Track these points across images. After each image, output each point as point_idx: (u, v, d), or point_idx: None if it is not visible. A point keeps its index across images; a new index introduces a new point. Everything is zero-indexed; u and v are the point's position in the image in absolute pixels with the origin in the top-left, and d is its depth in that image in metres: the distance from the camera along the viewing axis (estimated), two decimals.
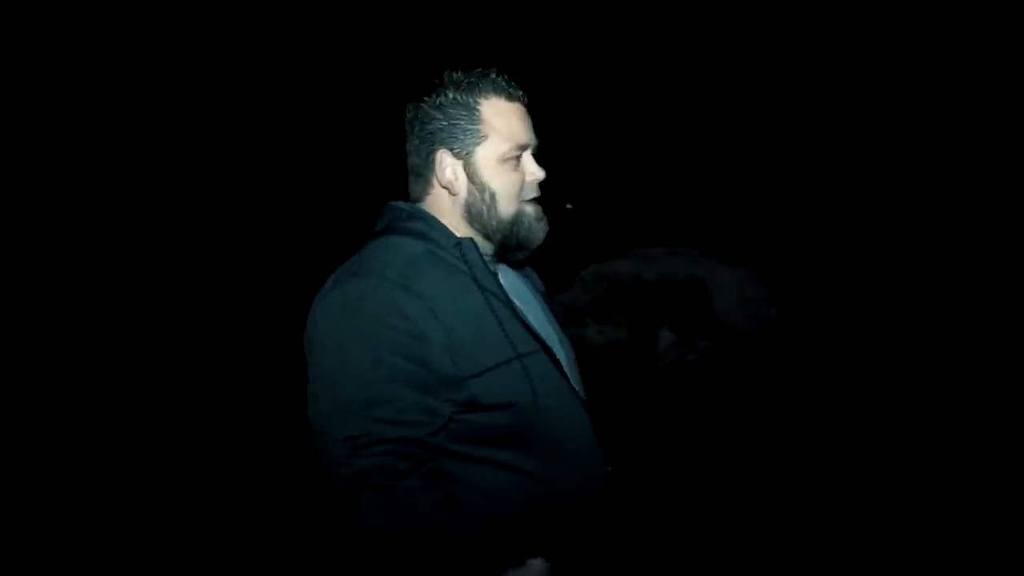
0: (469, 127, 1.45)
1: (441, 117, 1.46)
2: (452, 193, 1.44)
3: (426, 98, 1.48)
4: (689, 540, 2.75)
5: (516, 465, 1.40)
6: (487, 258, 1.49)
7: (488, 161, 1.47)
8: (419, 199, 1.50)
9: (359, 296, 1.35)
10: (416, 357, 1.31)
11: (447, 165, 1.45)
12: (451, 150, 1.45)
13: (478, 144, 1.45)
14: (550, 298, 1.68)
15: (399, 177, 1.55)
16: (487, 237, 1.47)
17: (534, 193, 1.48)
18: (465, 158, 1.45)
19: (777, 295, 5.17)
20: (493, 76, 1.48)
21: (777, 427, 3.95)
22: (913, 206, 5.22)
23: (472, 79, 1.48)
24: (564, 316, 1.63)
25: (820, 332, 4.86)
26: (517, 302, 1.50)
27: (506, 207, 1.47)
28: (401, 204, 1.52)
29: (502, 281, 1.53)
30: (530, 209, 1.48)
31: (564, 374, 1.45)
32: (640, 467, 3.23)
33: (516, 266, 1.62)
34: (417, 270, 1.36)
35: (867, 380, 4.38)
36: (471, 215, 1.45)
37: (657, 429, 3.95)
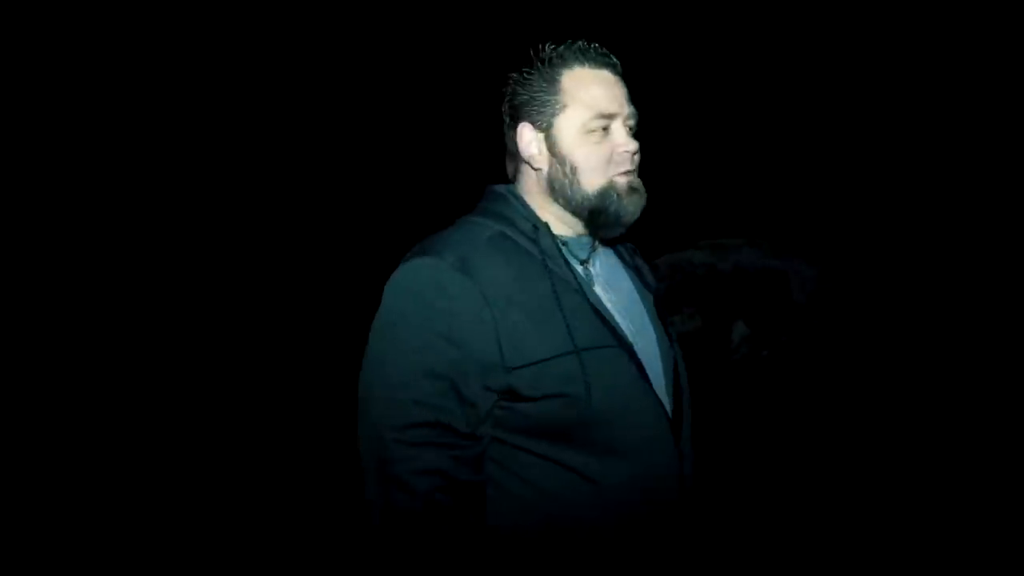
0: (548, 98, 1.43)
1: (524, 92, 1.45)
2: (535, 168, 1.44)
3: (512, 75, 1.50)
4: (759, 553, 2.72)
5: (575, 466, 1.35)
6: (582, 239, 1.47)
7: (569, 132, 1.44)
8: (513, 178, 1.52)
9: (415, 275, 1.35)
10: (457, 341, 1.29)
11: (529, 139, 1.44)
12: (532, 123, 1.44)
13: (557, 114, 1.43)
14: (659, 290, 1.64)
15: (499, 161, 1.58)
16: (573, 212, 1.45)
17: (628, 166, 1.45)
18: (545, 130, 1.43)
19: (854, 292, 5.07)
20: (580, 45, 1.47)
21: (843, 425, 3.87)
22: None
23: (558, 51, 1.47)
24: (664, 305, 1.59)
25: (886, 330, 4.74)
26: (604, 294, 1.47)
27: (591, 180, 1.44)
28: (498, 186, 1.53)
29: (597, 269, 1.51)
30: (621, 182, 1.45)
31: (646, 376, 1.41)
32: (713, 472, 3.20)
33: (625, 257, 1.60)
34: (480, 252, 1.35)
35: (925, 378, 4.27)
36: (554, 189, 1.43)
37: (728, 427, 3.91)
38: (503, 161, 1.49)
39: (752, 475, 3.43)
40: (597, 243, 1.54)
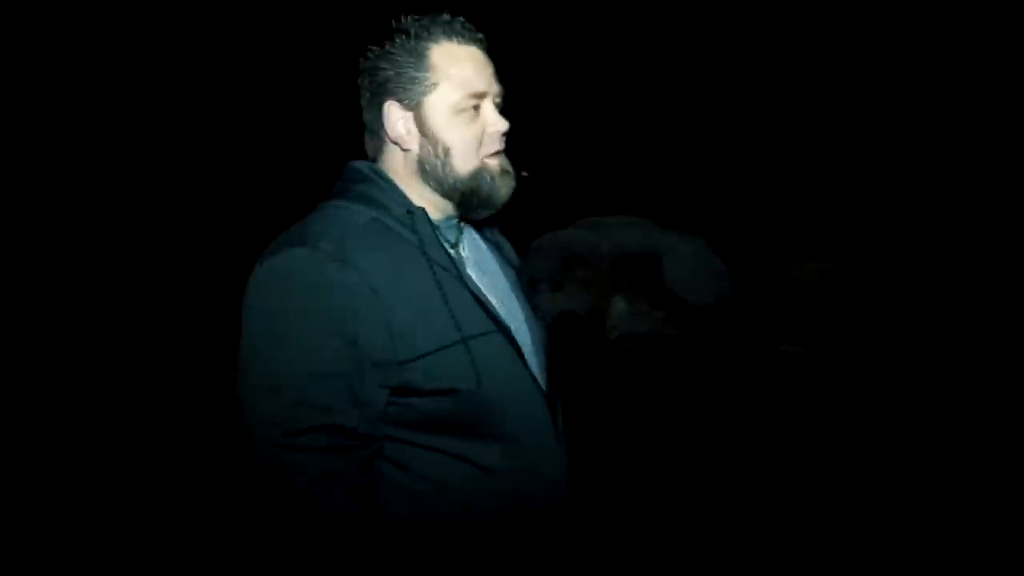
0: (417, 75, 1.35)
1: (388, 67, 1.37)
2: (404, 148, 1.35)
3: (373, 48, 1.39)
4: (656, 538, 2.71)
5: (469, 457, 1.31)
6: (450, 221, 1.39)
7: (440, 111, 1.36)
8: (376, 158, 1.41)
9: (291, 268, 1.24)
10: (348, 337, 1.21)
11: (396, 118, 1.35)
12: (400, 101, 1.35)
13: (427, 93, 1.35)
14: (522, 272, 1.59)
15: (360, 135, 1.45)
16: (445, 195, 1.37)
17: (497, 146, 1.39)
18: (415, 109, 1.35)
19: (732, 266, 5.17)
20: (446, 18, 1.39)
21: (728, 399, 3.95)
22: (873, 176, 5.25)
23: (422, 24, 1.38)
24: (529, 284, 1.55)
25: (771, 304, 4.86)
26: (477, 277, 1.41)
27: (463, 161, 1.37)
28: (361, 164, 1.42)
29: (466, 252, 1.44)
30: (492, 163, 1.38)
31: (523, 358, 1.38)
32: (598, 456, 3.19)
33: (487, 234, 1.53)
34: (357, 241, 1.26)
35: (819, 352, 4.41)
36: (425, 171, 1.35)
37: (609, 405, 3.92)
38: (340, 136, 1.39)
39: (627, 460, 3.43)
40: (462, 224, 1.47)
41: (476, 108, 1.41)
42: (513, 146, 1.49)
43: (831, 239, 4.96)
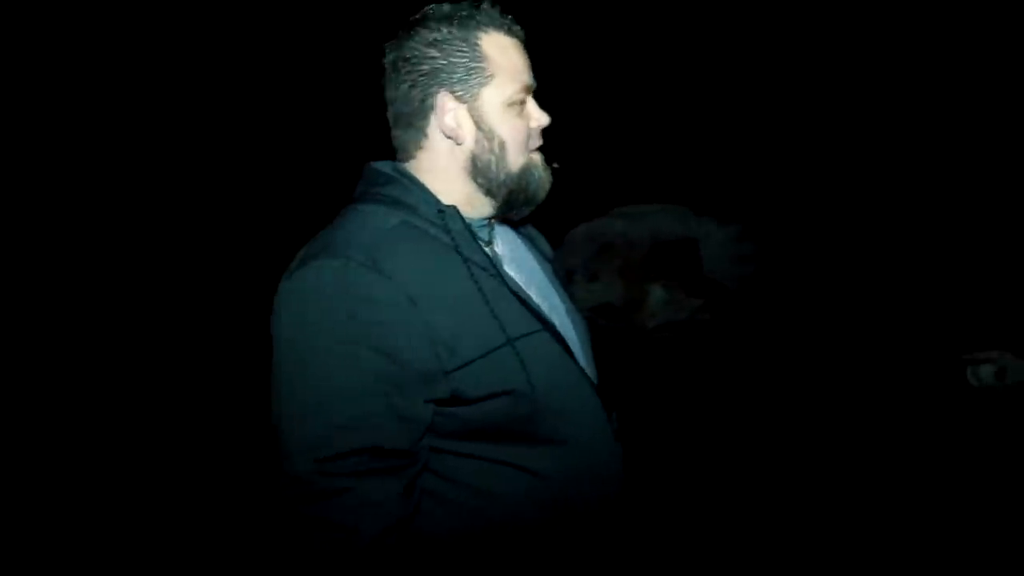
0: (473, 65, 1.26)
1: (438, 55, 1.27)
2: (456, 144, 1.29)
3: (413, 34, 1.30)
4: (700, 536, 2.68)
5: (519, 463, 1.22)
6: (483, 221, 1.33)
7: (495, 105, 1.28)
8: (410, 155, 1.32)
9: (321, 281, 1.15)
10: (388, 351, 1.12)
11: (449, 110, 1.27)
12: (453, 93, 1.27)
13: (484, 85, 1.26)
14: (558, 266, 1.52)
15: (383, 132, 1.39)
16: (490, 192, 1.30)
17: (539, 141, 1.34)
18: (470, 102, 1.27)
19: (768, 252, 5.12)
20: (488, 7, 1.32)
21: (768, 387, 3.91)
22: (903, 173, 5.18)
23: (466, 11, 1.31)
24: (565, 276, 1.50)
25: (806, 290, 4.81)
26: (515, 274, 1.33)
27: (515, 157, 1.30)
28: (381, 165, 1.33)
29: (500, 249, 1.36)
30: (537, 159, 1.34)
31: (572, 354, 1.30)
32: (644, 448, 3.16)
33: (519, 229, 1.46)
34: (389, 248, 1.17)
35: (851, 336, 4.34)
36: (477, 168, 1.28)
37: (650, 395, 3.90)
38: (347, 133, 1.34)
39: (676, 448, 3.39)
40: (494, 221, 1.39)
41: (522, 103, 1.34)
42: (546, 136, 1.44)
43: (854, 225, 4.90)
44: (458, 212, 1.29)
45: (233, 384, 4.30)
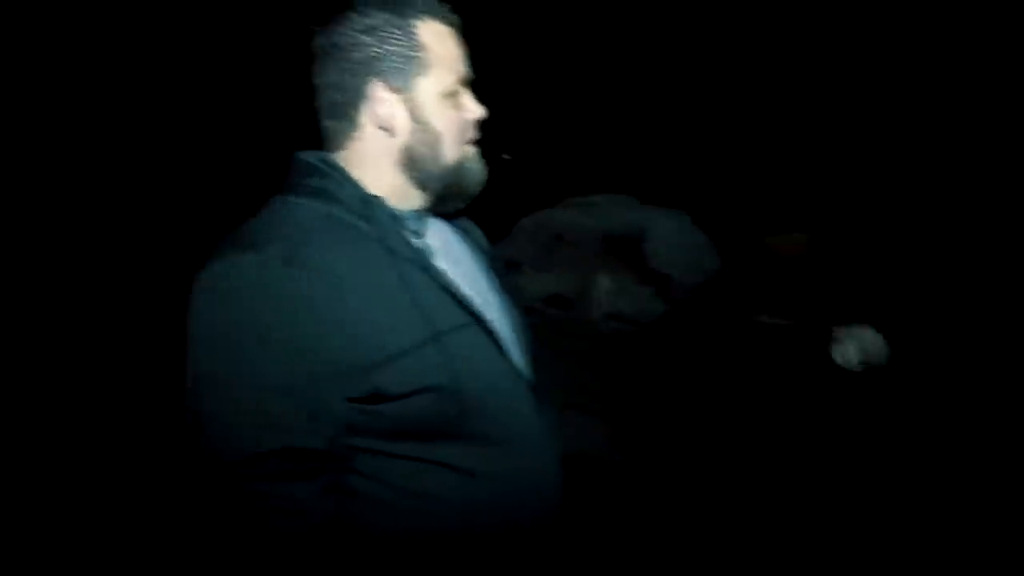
0: (409, 54, 1.22)
1: (373, 42, 1.22)
2: (389, 135, 1.25)
3: (347, 19, 1.26)
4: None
5: (451, 463, 1.19)
6: (415, 214, 1.30)
7: (431, 96, 1.25)
8: (340, 146, 1.28)
9: (238, 275, 1.10)
10: (302, 349, 1.08)
11: (383, 100, 1.24)
12: (387, 82, 1.24)
13: (420, 75, 1.22)
14: (496, 258, 1.48)
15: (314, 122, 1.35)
16: (422, 185, 1.27)
17: (475, 134, 1.32)
18: (405, 92, 1.24)
19: (716, 242, 5.17)
20: None
21: (718, 375, 3.96)
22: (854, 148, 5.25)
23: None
24: (504, 269, 1.46)
25: (756, 278, 4.85)
26: (446, 266, 1.29)
27: (450, 150, 1.27)
28: (308, 155, 1.29)
29: (432, 242, 1.32)
30: (471, 151, 1.32)
31: (503, 350, 1.27)
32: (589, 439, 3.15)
33: (453, 221, 1.43)
34: (311, 240, 1.13)
35: (805, 324, 4.41)
36: (410, 160, 1.25)
37: (596, 384, 3.91)
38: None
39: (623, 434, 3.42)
40: (427, 214, 1.34)
41: (456, 94, 1.31)
42: (494, 129, 1.41)
43: (810, 209, 4.94)
44: (385, 204, 1.25)
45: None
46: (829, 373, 2.26)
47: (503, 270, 1.47)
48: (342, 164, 1.27)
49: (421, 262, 1.25)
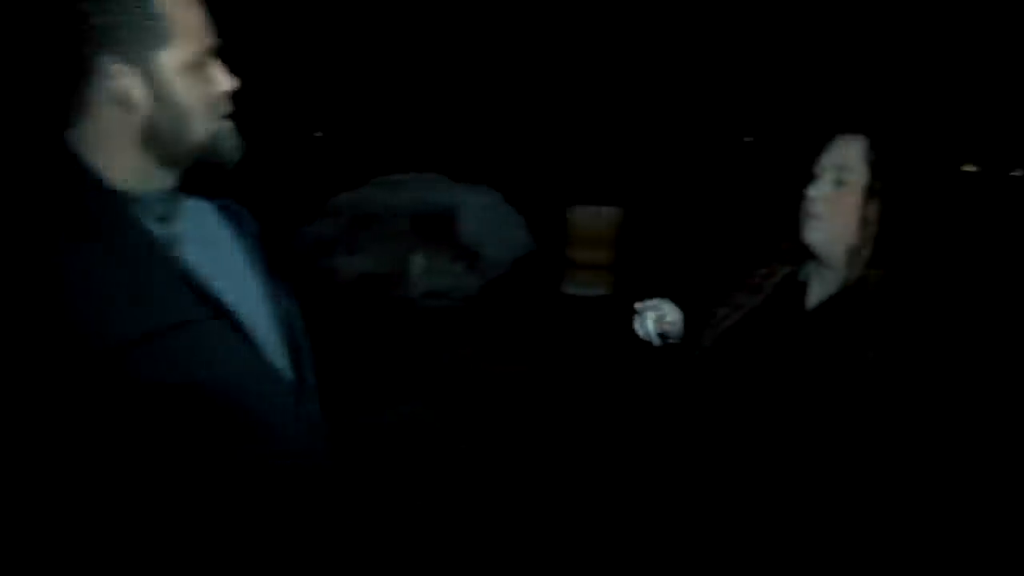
0: (146, 23, 1.16)
1: (103, 12, 1.16)
2: (127, 111, 1.18)
3: None
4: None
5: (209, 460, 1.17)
6: (159, 195, 1.24)
7: (173, 68, 1.19)
8: (71, 124, 1.22)
9: None
10: (21, 350, 1.03)
11: (119, 75, 1.17)
12: (122, 54, 1.17)
13: (160, 46, 1.18)
14: (267, 243, 1.42)
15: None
16: (168, 164, 1.22)
17: (228, 107, 1.27)
18: (143, 65, 1.18)
19: (525, 217, 5.28)
20: None
21: (534, 346, 4.07)
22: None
23: None
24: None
25: (567, 252, 5.00)
26: (199, 255, 1.24)
27: (200, 126, 1.22)
28: (35, 136, 1.23)
29: (183, 227, 1.27)
30: (225, 125, 1.26)
31: (255, 343, 1.22)
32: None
33: (217, 204, 1.37)
34: (22, 230, 1.08)
35: (616, 298, 4.61)
36: (153, 138, 1.19)
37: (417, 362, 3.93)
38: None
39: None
40: (180, 196, 1.29)
41: (205, 64, 1.23)
42: (304, 108, 1.37)
43: (613, 185, 5.15)
44: (113, 188, 1.18)
45: None
46: (635, 345, 2.31)
47: (282, 257, 1.41)
48: (74, 144, 1.19)
49: (159, 250, 1.18)
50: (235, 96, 1.27)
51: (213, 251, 1.28)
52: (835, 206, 1.90)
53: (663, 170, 5.40)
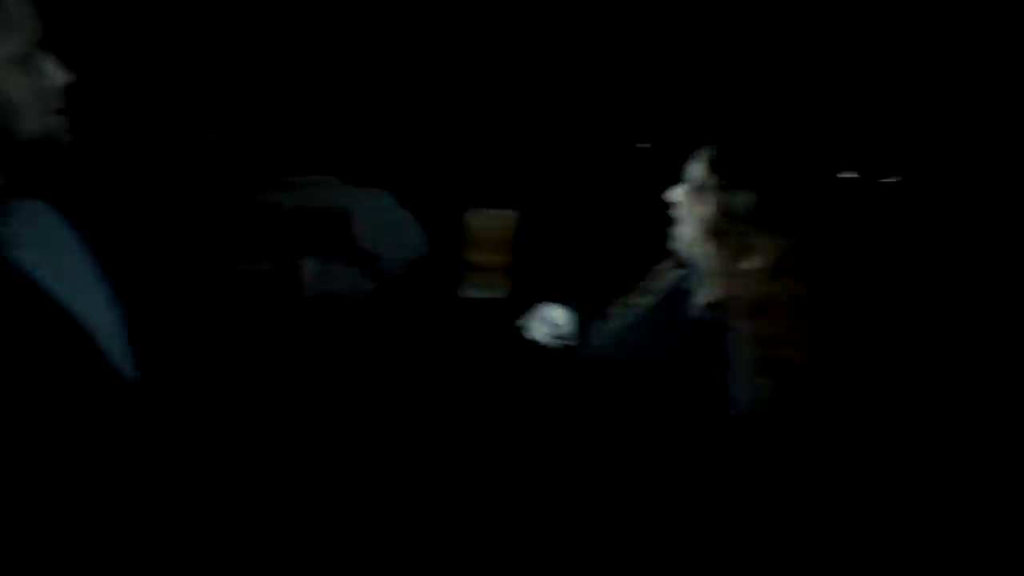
0: None
1: None
2: None
3: None
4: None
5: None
6: None
7: (0, 62, 1.16)
8: None
9: None
10: None
11: None
12: None
13: None
14: (95, 243, 1.39)
15: None
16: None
17: (60, 102, 1.23)
18: None
19: (421, 220, 5.30)
20: None
21: (425, 350, 4.09)
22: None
23: None
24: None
25: (461, 255, 5.02)
26: (37, 257, 1.21)
27: (29, 122, 1.19)
28: None
29: (20, 228, 1.23)
30: (58, 122, 1.23)
31: (98, 347, 1.20)
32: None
33: (54, 205, 1.34)
34: None
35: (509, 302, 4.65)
36: None
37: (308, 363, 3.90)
38: None
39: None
40: (13, 197, 1.25)
41: (33, 56, 1.17)
42: (196, 109, 1.34)
43: (509, 188, 5.20)
44: None
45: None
46: (528, 347, 2.32)
47: (127, 259, 1.39)
48: None
49: None
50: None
51: (50, 254, 1.24)
52: (688, 211, 1.99)
53: (559, 174, 5.50)
